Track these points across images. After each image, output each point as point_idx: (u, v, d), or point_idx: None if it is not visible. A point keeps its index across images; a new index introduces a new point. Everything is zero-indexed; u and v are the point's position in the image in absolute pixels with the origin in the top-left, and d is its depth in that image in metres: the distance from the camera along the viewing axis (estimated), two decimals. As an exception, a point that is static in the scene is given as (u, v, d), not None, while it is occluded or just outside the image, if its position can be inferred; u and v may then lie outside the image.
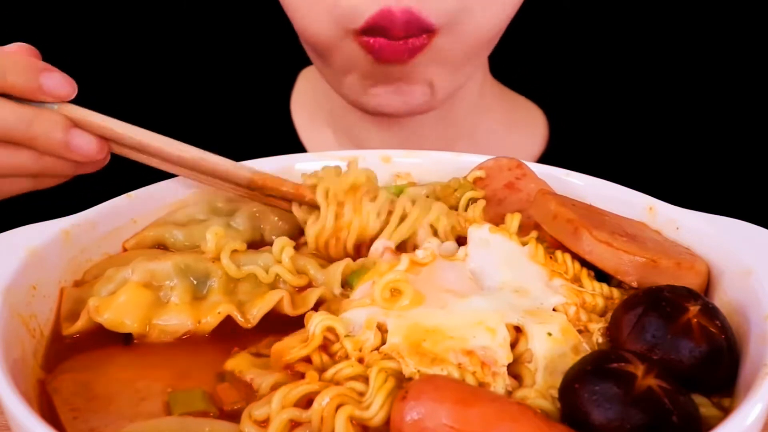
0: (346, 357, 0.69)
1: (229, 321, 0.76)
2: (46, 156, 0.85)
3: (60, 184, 0.92)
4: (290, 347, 0.70)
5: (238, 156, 0.96)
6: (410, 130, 1.23)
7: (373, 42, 1.03)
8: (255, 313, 0.76)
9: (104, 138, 0.86)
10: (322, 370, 0.68)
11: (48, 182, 0.91)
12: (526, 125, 1.34)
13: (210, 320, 0.76)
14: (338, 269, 0.80)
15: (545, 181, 0.93)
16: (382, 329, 0.70)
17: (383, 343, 0.69)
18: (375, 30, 1.02)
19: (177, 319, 0.76)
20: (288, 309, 0.77)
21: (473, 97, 1.25)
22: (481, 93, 1.27)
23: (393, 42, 1.02)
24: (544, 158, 1.30)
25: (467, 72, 1.15)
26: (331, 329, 0.71)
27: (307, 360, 0.69)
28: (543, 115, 1.34)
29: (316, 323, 0.71)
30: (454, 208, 0.91)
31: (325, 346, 0.70)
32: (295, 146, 1.29)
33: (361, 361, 0.68)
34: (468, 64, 1.13)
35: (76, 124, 0.85)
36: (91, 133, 0.85)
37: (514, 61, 1.32)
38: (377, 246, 0.83)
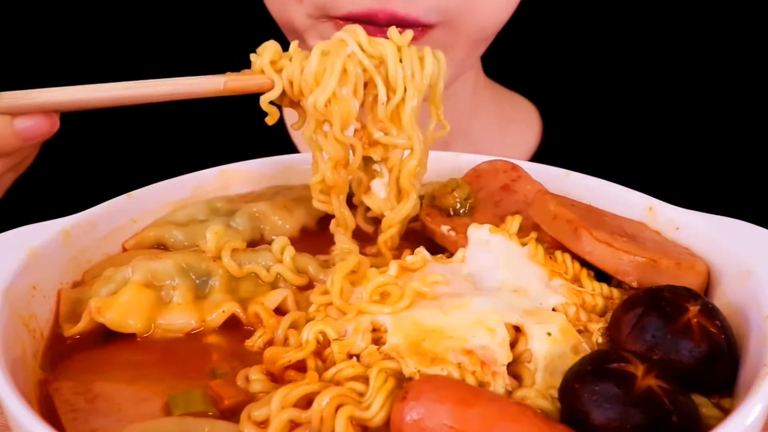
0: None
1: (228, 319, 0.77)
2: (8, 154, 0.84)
3: (60, 184, 0.91)
4: (284, 352, 0.70)
5: (229, 157, 0.95)
6: None
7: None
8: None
9: (50, 111, 0.82)
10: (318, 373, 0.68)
11: (23, 166, 0.88)
12: (520, 122, 1.34)
13: (215, 318, 0.76)
14: (339, 274, 0.79)
15: (541, 183, 0.93)
16: (381, 330, 0.70)
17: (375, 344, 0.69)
18: (356, 19, 0.97)
19: (181, 318, 0.76)
20: (292, 308, 0.77)
21: (467, 96, 1.25)
22: (474, 91, 1.26)
23: (378, 31, 0.95)
24: (539, 154, 1.30)
25: (465, 64, 1.12)
26: (322, 333, 0.71)
27: (300, 367, 0.69)
28: (536, 112, 1.34)
29: (309, 328, 0.71)
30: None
31: (318, 352, 0.70)
32: (287, 147, 1.28)
33: (350, 356, 0.69)
34: (467, 58, 1.11)
35: (18, 111, 0.81)
36: (34, 114, 0.81)
37: (506, 59, 1.31)
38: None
